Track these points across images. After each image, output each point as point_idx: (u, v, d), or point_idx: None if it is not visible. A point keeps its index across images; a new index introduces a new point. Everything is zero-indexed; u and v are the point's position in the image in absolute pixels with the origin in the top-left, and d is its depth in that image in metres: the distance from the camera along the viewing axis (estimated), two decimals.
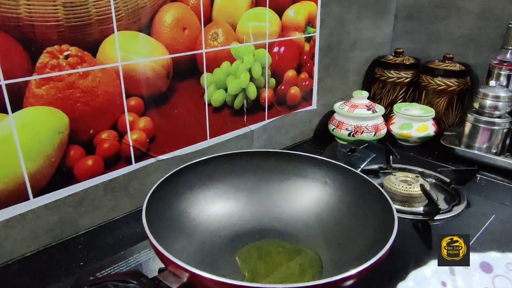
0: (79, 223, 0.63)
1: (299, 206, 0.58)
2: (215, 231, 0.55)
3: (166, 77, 0.67)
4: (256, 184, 0.60)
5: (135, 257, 0.56)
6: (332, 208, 0.56)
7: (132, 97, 0.64)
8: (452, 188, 0.71)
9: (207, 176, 0.58)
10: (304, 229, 0.56)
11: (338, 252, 0.50)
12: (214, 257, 0.51)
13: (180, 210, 0.53)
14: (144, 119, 0.66)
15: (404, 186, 0.66)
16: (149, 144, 0.68)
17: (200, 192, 0.56)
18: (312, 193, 0.59)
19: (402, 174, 0.68)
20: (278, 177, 0.60)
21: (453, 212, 0.65)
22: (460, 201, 0.67)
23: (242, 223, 0.57)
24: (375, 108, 0.98)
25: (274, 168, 0.61)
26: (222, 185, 0.59)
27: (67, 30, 0.54)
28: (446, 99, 1.02)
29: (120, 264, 0.55)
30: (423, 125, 0.97)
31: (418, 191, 0.65)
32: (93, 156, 0.62)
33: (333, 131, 0.99)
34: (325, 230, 0.55)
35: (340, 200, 0.56)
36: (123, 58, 0.60)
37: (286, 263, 0.50)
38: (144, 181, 0.70)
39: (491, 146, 0.90)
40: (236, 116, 0.81)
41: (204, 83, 0.73)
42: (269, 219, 0.58)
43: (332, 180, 0.57)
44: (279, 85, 0.88)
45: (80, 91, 0.57)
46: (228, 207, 0.58)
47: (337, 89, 1.05)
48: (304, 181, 0.60)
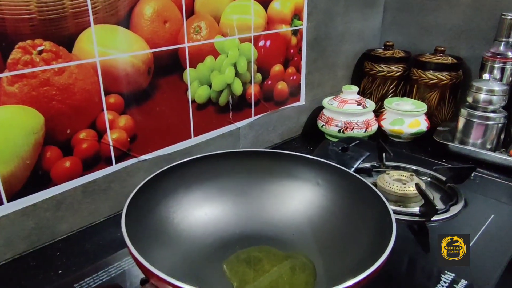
0: (57, 228, 0.63)
1: (290, 209, 0.58)
2: (201, 238, 0.54)
3: (147, 73, 0.67)
4: (243, 186, 0.59)
5: (116, 265, 0.56)
6: (325, 211, 0.55)
7: (111, 95, 0.63)
8: (448, 186, 0.72)
9: (192, 178, 0.57)
10: (296, 233, 0.56)
11: (333, 258, 0.50)
12: (200, 266, 0.51)
13: (163, 216, 0.52)
14: (125, 117, 0.66)
15: (398, 186, 0.66)
16: (130, 143, 0.68)
17: (184, 196, 0.56)
18: (304, 195, 0.58)
19: (396, 172, 0.69)
20: (267, 178, 0.60)
21: (451, 212, 0.65)
22: (457, 201, 0.68)
23: (229, 229, 0.57)
24: (366, 104, 0.99)
25: (262, 169, 0.60)
26: (208, 188, 0.58)
27: (40, 24, 0.53)
28: (438, 93, 1.04)
29: (100, 273, 0.54)
30: (415, 121, 0.99)
31: (413, 191, 0.65)
32: (70, 157, 0.61)
33: (322, 128, 1.00)
34: (318, 234, 0.55)
35: (333, 202, 0.56)
36: (100, 53, 0.60)
37: (277, 271, 0.50)
38: (125, 183, 0.69)
39: (485, 141, 0.92)
40: (221, 113, 0.82)
41: (187, 79, 0.73)
42: (258, 224, 0.57)
43: (325, 181, 0.57)
44: (266, 80, 0.88)
45: (55, 89, 0.56)
46: (215, 212, 0.58)
47: (326, 84, 1.06)
48: (295, 182, 0.59)
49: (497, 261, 0.56)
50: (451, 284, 0.50)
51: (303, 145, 0.99)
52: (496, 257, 0.57)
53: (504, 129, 0.92)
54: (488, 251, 0.58)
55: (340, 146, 0.71)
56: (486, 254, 0.57)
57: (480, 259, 0.56)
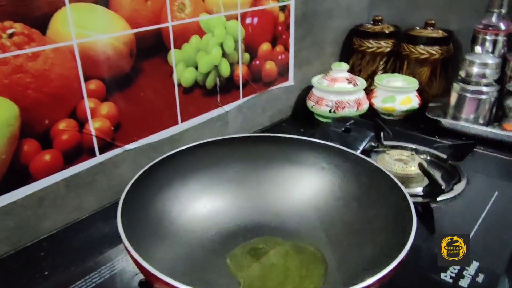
0: (39, 227, 0.59)
1: (294, 197, 0.55)
2: (201, 232, 0.51)
3: (129, 56, 0.62)
4: (242, 174, 0.56)
5: (108, 265, 0.52)
6: (331, 197, 0.53)
7: (92, 80, 0.59)
8: (449, 164, 0.70)
9: (187, 168, 0.54)
10: (302, 222, 0.53)
11: (343, 247, 0.48)
12: (203, 263, 0.48)
13: (159, 211, 0.49)
14: (107, 104, 0.62)
15: (400, 166, 0.64)
16: (114, 132, 0.64)
17: (180, 188, 0.52)
18: (308, 181, 0.55)
19: (396, 152, 0.67)
20: (268, 164, 0.57)
21: (455, 192, 0.64)
22: (459, 179, 0.67)
23: (231, 221, 0.54)
24: (356, 82, 0.97)
25: (262, 154, 0.57)
26: (205, 178, 0.55)
27: (8, 4, 0.48)
28: (429, 68, 1.03)
29: (92, 275, 0.51)
30: (407, 98, 0.97)
31: (415, 171, 0.64)
32: (50, 150, 0.57)
33: (312, 108, 0.97)
34: (325, 222, 0.52)
35: (340, 187, 0.53)
36: (78, 35, 0.55)
37: (285, 263, 0.48)
38: (111, 174, 0.66)
39: (478, 116, 0.91)
40: (209, 97, 0.78)
41: (172, 60, 0.69)
42: (261, 214, 0.55)
43: (330, 165, 0.54)
44: (254, 60, 0.85)
45: (30, 76, 0.52)
46: (214, 203, 0.54)
47: (314, 62, 1.03)
48: (297, 168, 0.56)
49: (506, 240, 0.55)
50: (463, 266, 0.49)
51: (294, 127, 0.96)
52: (505, 235, 0.56)
53: (496, 103, 0.91)
54: (496, 230, 0.57)
55: (343, 127, 0.68)
56: (494, 233, 0.56)
57: (489, 239, 0.55)
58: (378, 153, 0.76)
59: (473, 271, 0.49)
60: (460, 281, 0.47)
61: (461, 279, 0.47)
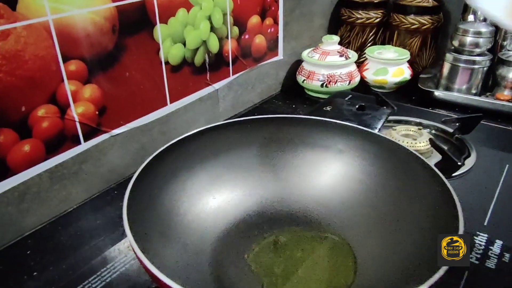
0: (23, 223, 0.53)
1: (313, 183, 0.50)
2: (213, 228, 0.46)
3: (111, 32, 0.56)
4: (252, 161, 0.50)
5: (109, 267, 0.47)
6: (352, 182, 0.48)
7: (72, 61, 0.52)
8: (456, 138, 0.67)
9: (193, 158, 0.48)
10: (323, 210, 0.48)
11: (373, 239, 0.43)
12: (219, 264, 0.42)
13: (166, 208, 0.43)
14: (90, 87, 0.55)
15: (409, 142, 0.60)
16: (99, 117, 0.58)
17: (186, 179, 0.46)
18: (325, 166, 0.50)
19: (403, 127, 0.63)
20: (280, 149, 0.51)
21: (467, 166, 0.61)
22: (469, 153, 0.63)
23: (244, 213, 0.48)
24: (348, 54, 0.92)
25: (274, 138, 0.51)
26: (212, 167, 0.49)
27: None
28: (419, 39, 0.99)
29: (92, 280, 0.45)
30: (399, 69, 0.93)
31: (425, 146, 0.60)
32: (30, 140, 0.51)
33: (303, 83, 0.93)
34: (347, 208, 0.47)
35: (362, 170, 0.48)
36: (53, 9, 0.48)
37: (310, 257, 0.43)
38: (98, 162, 0.60)
39: (471, 86, 0.88)
40: (198, 75, 0.72)
41: (158, 36, 0.62)
42: (276, 204, 0.49)
43: (348, 147, 0.49)
44: (243, 34, 0.79)
45: (0, 58, 0.45)
46: (224, 195, 0.49)
47: (303, 35, 0.98)
48: (312, 151, 0.51)
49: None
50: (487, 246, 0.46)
51: (285, 103, 0.92)
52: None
53: (488, 73, 0.89)
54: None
55: (357, 104, 0.62)
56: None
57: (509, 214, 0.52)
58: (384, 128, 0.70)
59: (498, 251, 0.46)
60: (487, 262, 0.45)
61: (487, 260, 0.45)
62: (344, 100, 0.68)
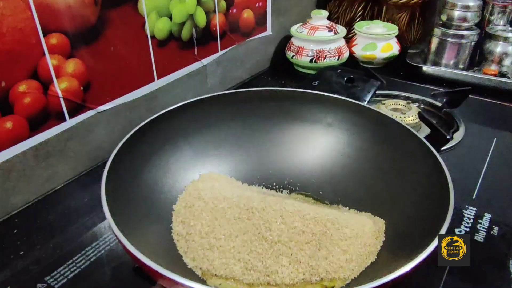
0: (9, 202, 0.51)
1: (299, 157, 0.48)
2: None
3: (93, 4, 0.52)
4: (239, 136, 0.48)
5: (94, 246, 0.45)
6: (342, 156, 0.46)
7: (53, 34, 0.49)
8: (444, 112, 0.65)
9: (176, 131, 0.45)
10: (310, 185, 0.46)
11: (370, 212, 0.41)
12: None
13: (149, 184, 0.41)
14: (73, 61, 0.52)
15: (398, 116, 0.58)
16: (84, 93, 0.55)
17: (170, 154, 0.43)
18: (314, 139, 0.48)
19: (392, 102, 0.62)
20: (269, 122, 0.48)
21: (455, 140, 0.59)
22: (458, 126, 0.62)
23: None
24: (337, 29, 0.89)
25: (261, 112, 0.48)
26: (197, 142, 0.46)
27: None
28: (408, 13, 0.96)
29: (76, 259, 0.43)
30: (387, 44, 0.90)
31: (414, 120, 0.58)
32: (12, 117, 0.48)
33: (292, 59, 0.90)
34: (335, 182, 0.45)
35: (351, 144, 0.46)
36: None
37: None
38: (84, 139, 0.57)
39: (458, 61, 0.87)
40: (185, 50, 0.69)
41: (143, 9, 0.59)
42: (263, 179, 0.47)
43: (338, 121, 0.47)
44: (231, 8, 0.75)
45: None
46: (210, 170, 0.46)
47: (292, 10, 0.94)
48: (300, 125, 0.48)
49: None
50: (476, 219, 0.45)
51: (274, 79, 0.89)
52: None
53: (476, 47, 0.87)
54: (503, 179, 0.53)
55: (346, 76, 0.60)
56: (500, 182, 0.52)
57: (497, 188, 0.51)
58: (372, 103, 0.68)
59: (487, 224, 0.45)
60: (476, 235, 0.43)
61: (476, 233, 0.44)
62: (333, 73, 0.65)
